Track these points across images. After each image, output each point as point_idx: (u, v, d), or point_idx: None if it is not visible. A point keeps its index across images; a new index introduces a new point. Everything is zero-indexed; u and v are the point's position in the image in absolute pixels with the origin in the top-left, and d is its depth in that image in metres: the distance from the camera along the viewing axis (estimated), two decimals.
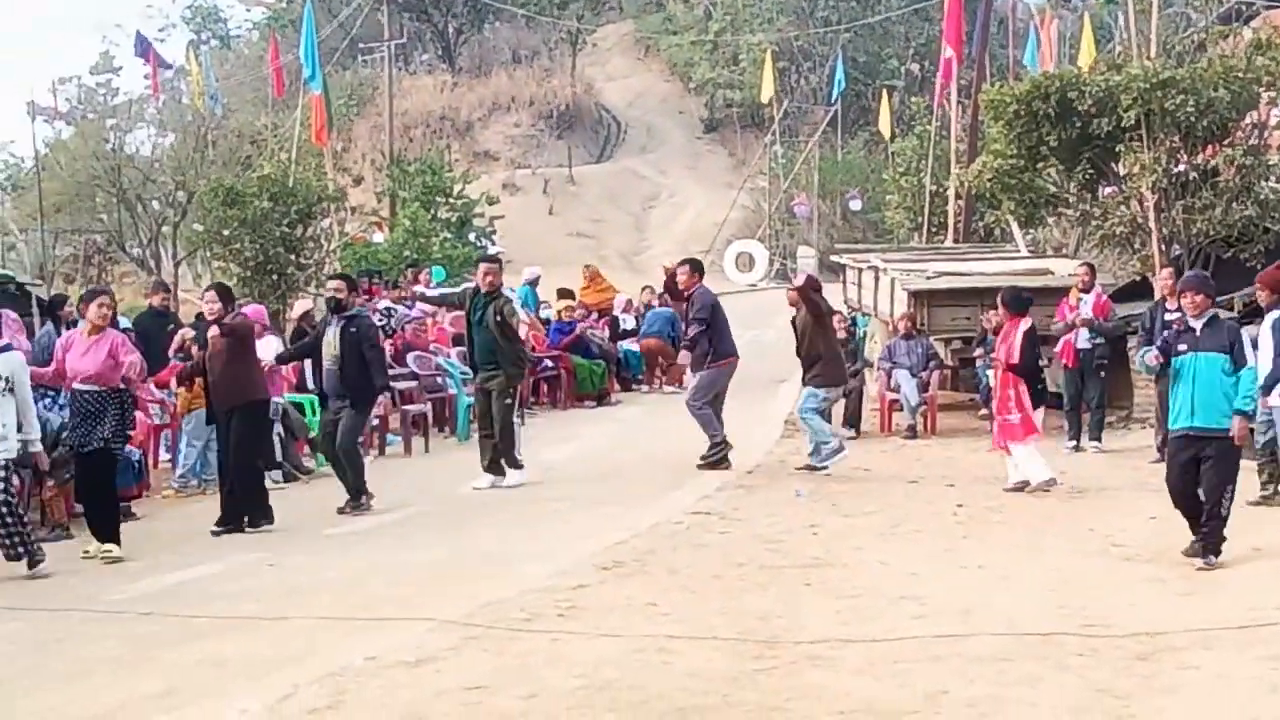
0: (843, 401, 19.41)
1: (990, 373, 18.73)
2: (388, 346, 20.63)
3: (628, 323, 26.44)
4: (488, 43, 67.54)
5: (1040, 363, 15.36)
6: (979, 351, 19.78)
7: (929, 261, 22.96)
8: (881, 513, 13.51)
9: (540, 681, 7.75)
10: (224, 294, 14.05)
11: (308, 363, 16.92)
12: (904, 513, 13.52)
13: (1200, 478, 10.91)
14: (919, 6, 52.81)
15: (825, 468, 15.80)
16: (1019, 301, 15.15)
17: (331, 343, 14.19)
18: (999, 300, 15.54)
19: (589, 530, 12.62)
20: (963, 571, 10.85)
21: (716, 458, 15.88)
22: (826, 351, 16.28)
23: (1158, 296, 17.41)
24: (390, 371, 19.68)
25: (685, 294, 16.41)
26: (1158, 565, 10.94)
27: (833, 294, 26.24)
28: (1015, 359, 14.68)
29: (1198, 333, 11.07)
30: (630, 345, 25.58)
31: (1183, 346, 11.10)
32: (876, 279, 22.56)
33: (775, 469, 16.52)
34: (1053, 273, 20.52)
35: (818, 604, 9.71)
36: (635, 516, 13.16)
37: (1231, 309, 20.24)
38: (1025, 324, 14.86)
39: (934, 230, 29.74)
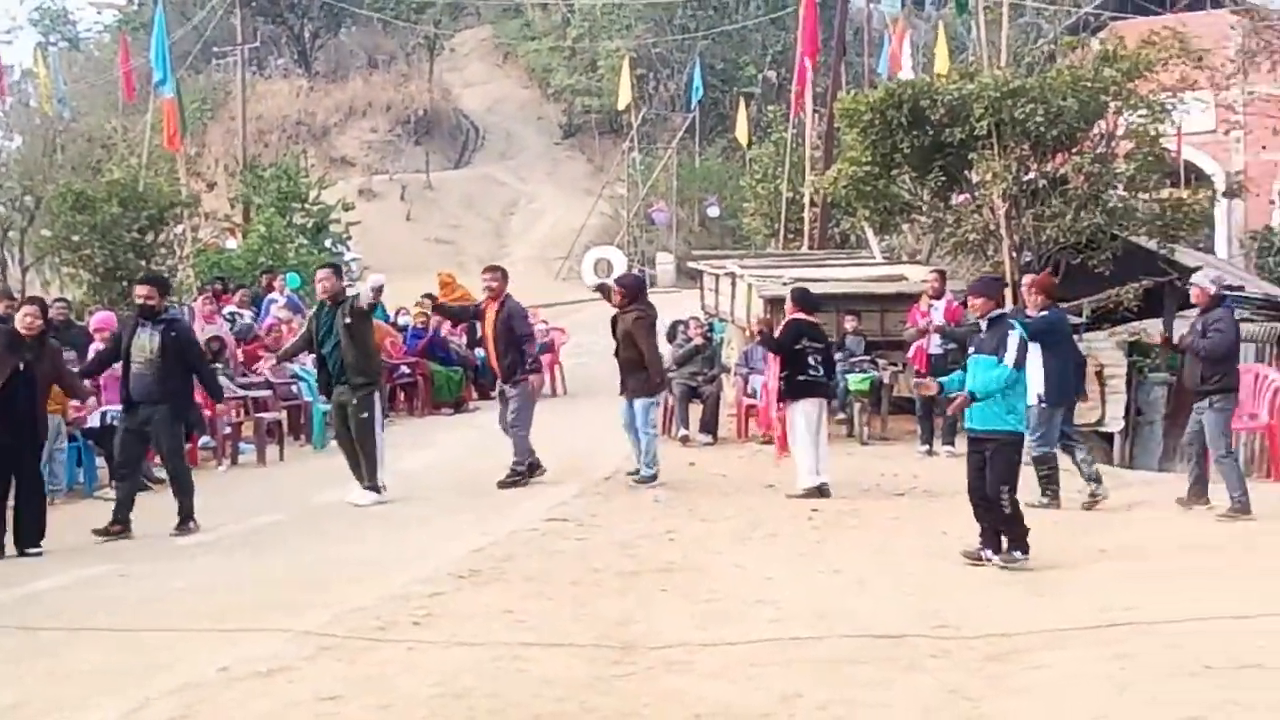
0: (700, 407, 19.51)
1: (850, 376, 18.96)
2: (239, 354, 20.39)
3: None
4: (344, 47, 67.01)
5: (798, 349, 15.13)
6: (838, 355, 19.97)
7: (785, 268, 23.14)
8: (738, 517, 13.58)
9: (395, 691, 7.68)
10: (43, 307, 13.70)
11: None
12: (761, 517, 13.59)
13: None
14: (776, 15, 53.24)
15: (653, 475, 15.64)
16: (806, 299, 15.51)
17: (145, 346, 13.44)
18: (789, 298, 15.79)
19: (446, 538, 12.56)
20: (818, 575, 10.94)
21: (513, 480, 15.48)
22: (651, 357, 15.86)
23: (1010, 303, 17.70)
24: (242, 379, 19.53)
25: (495, 300, 15.82)
26: (1008, 567, 11.09)
27: (691, 300, 26.47)
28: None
29: (981, 335, 11.47)
30: None
31: (971, 349, 11.56)
32: (733, 285, 22.69)
33: None
34: (907, 279, 20.80)
35: (674, 609, 9.73)
36: (492, 524, 13.11)
37: (1080, 314, 20.68)
38: (799, 315, 15.19)
39: (791, 237, 29.95)
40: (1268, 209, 34.24)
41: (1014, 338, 11.22)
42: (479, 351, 25.09)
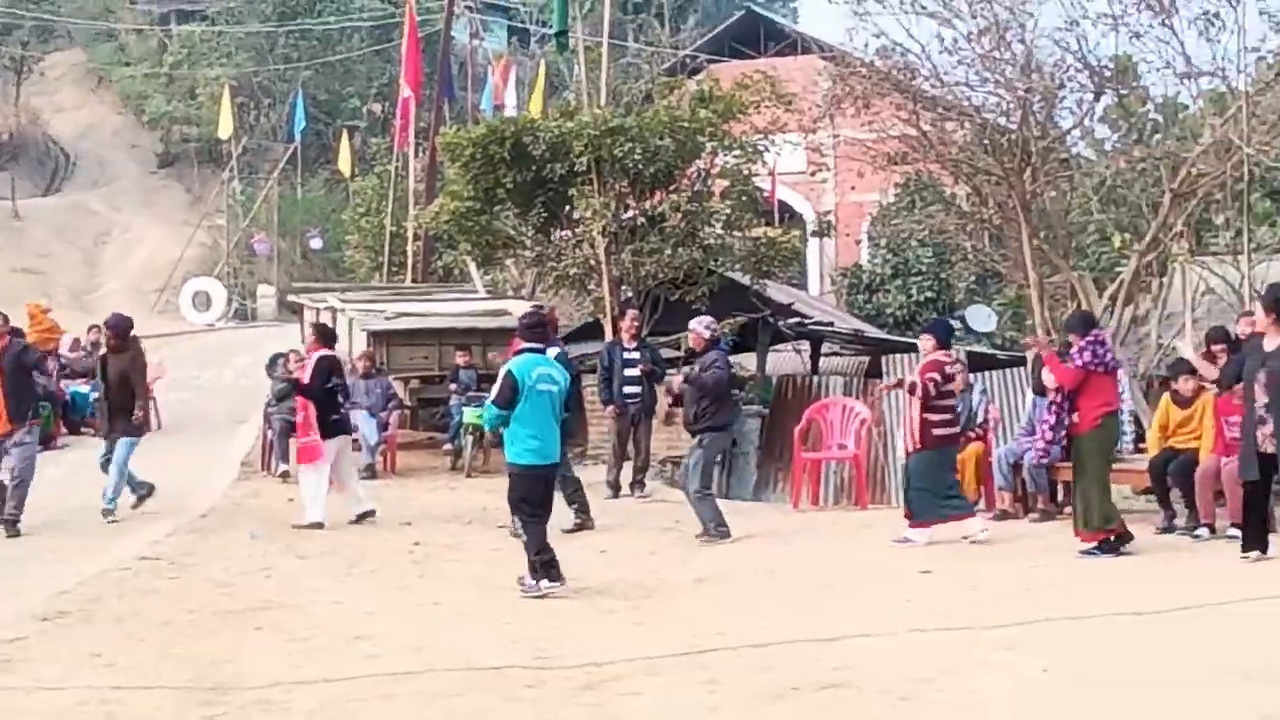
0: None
1: (465, 409, 18.98)
2: None
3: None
4: None
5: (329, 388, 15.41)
6: (452, 387, 20.00)
7: (388, 301, 23.01)
8: (337, 553, 13.42)
9: None
10: None
11: None
12: (360, 552, 13.46)
13: None
14: (380, 47, 52.98)
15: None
16: (326, 335, 16.06)
17: None
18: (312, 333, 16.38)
19: (32, 580, 12.01)
20: (418, 609, 10.89)
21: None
22: (142, 398, 15.75)
23: (609, 337, 18.03)
24: None
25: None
26: (608, 597, 11.28)
27: (292, 333, 26.03)
28: (306, 381, 15.20)
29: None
30: (79, 386, 24.47)
31: None
32: (335, 319, 22.42)
33: (230, 511, 16.18)
34: (510, 313, 20.92)
35: (270, 647, 9.53)
36: (82, 564, 12.61)
37: (678, 348, 21.19)
38: (321, 352, 15.42)
39: (394, 270, 29.84)
40: (856, 248, 35.80)
41: (501, 377, 11.56)
42: (70, 386, 24.18)
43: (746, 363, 23.51)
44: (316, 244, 51.14)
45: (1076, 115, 20.62)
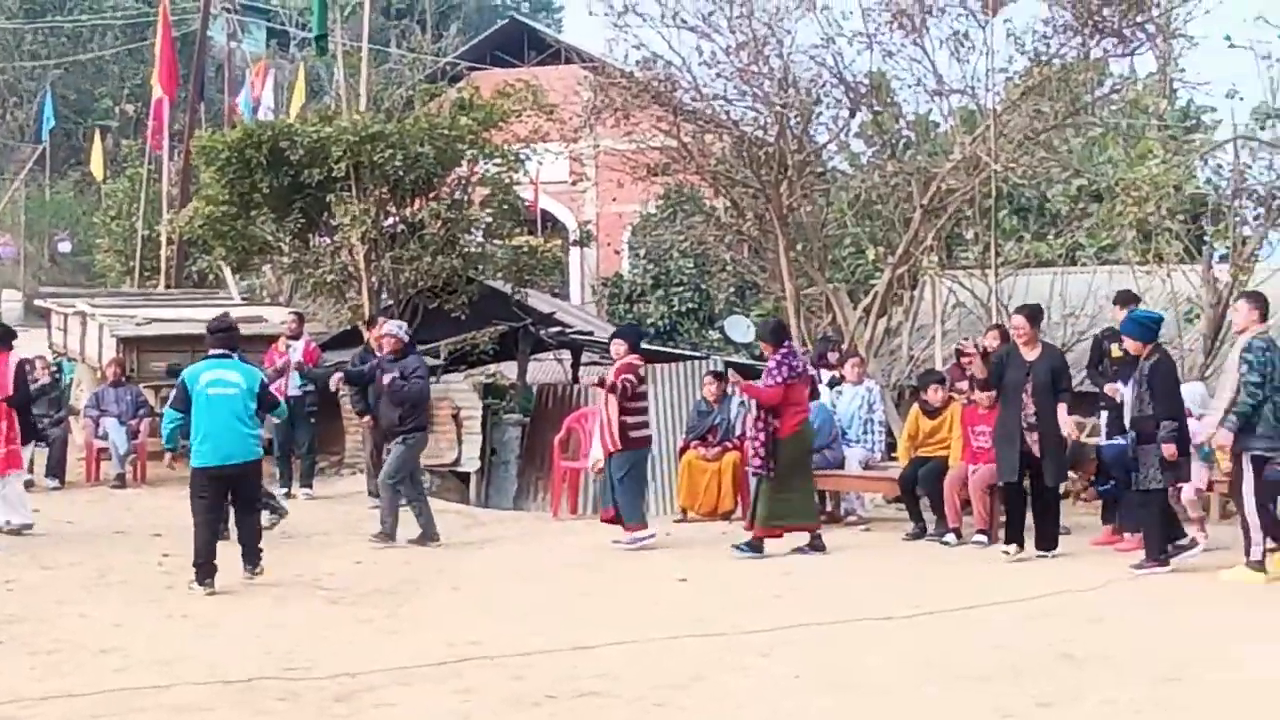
0: (46, 450, 18.60)
1: None
2: None
3: None
4: None
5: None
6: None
7: (140, 307, 22.43)
8: (85, 564, 13.02)
9: None
10: None
11: None
12: (109, 564, 13.09)
13: None
14: (134, 46, 51.75)
15: None
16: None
17: None
18: None
19: None
20: (168, 621, 10.64)
21: None
22: None
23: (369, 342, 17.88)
24: None
25: None
26: (364, 606, 11.15)
27: (38, 340, 25.23)
28: (9, 391, 14.80)
29: None
30: None
31: None
32: (84, 324, 21.81)
33: None
34: (266, 320, 20.54)
35: (12, 662, 9.21)
36: None
37: (437, 356, 21.07)
38: (14, 357, 15.06)
39: (147, 275, 29.09)
40: (617, 257, 36.01)
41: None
42: None
43: (507, 371, 23.49)
44: (65, 247, 49.70)
45: (832, 130, 21.07)
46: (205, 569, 11.68)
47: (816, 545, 13.48)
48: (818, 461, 15.02)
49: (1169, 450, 11.87)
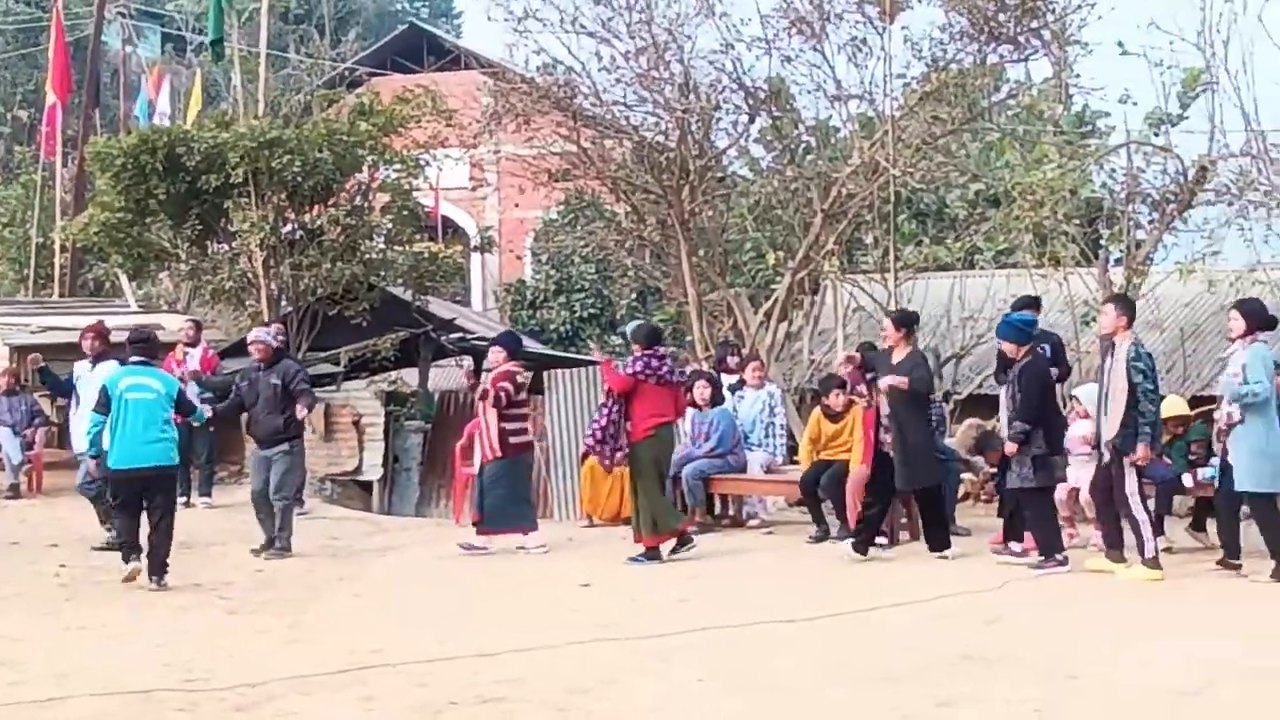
0: None
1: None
2: None
3: None
4: None
5: None
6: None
7: (34, 315, 22.12)
8: None
9: None
10: None
11: None
12: (4, 576, 12.89)
13: None
14: (27, 51, 50.97)
15: None
16: None
17: None
18: None
19: None
20: (65, 633, 10.48)
21: None
22: None
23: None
24: None
25: None
26: (264, 615, 11.06)
27: None
28: None
29: None
30: None
31: None
32: None
33: None
34: (164, 328, 20.28)
35: None
36: None
37: (338, 363, 20.94)
38: None
39: (41, 284, 28.69)
40: (519, 263, 35.92)
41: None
42: None
43: (409, 378, 23.35)
44: None
45: (732, 136, 21.17)
46: (130, 546, 12.23)
47: (685, 543, 13.54)
48: (720, 466, 15.11)
49: (1009, 448, 12.22)
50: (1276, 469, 11.52)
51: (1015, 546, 12.88)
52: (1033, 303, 14.53)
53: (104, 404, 12.24)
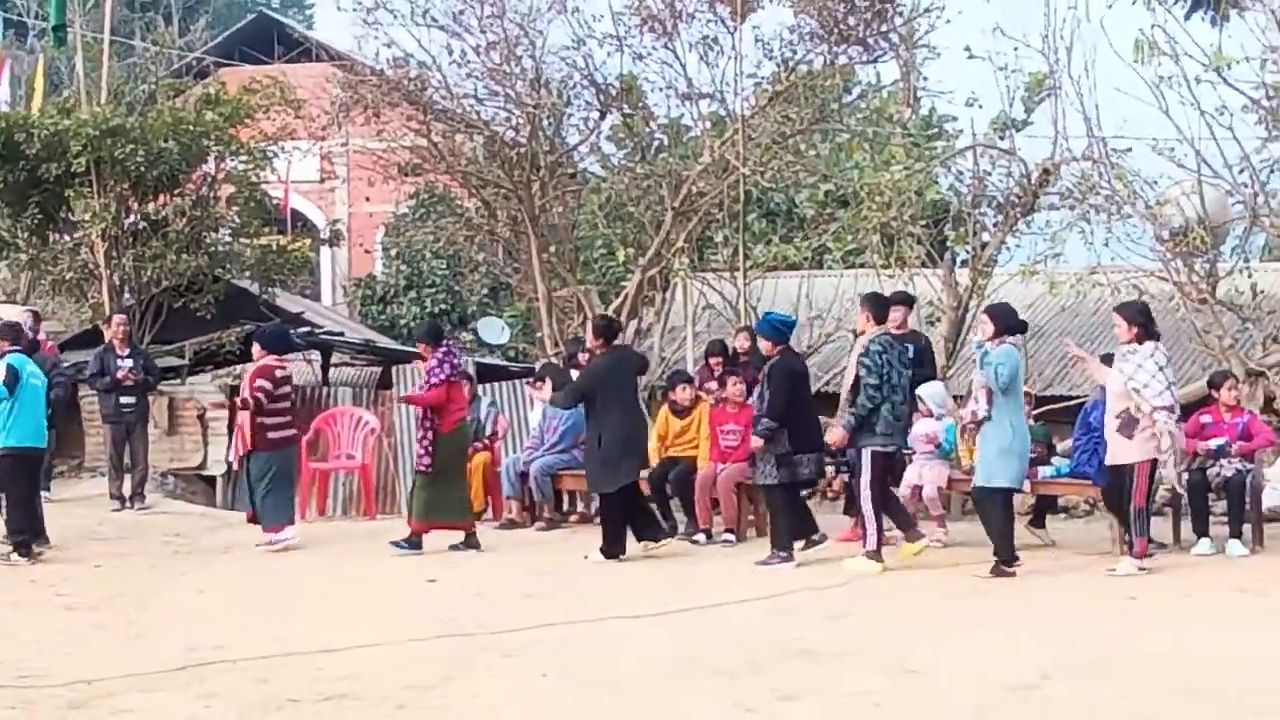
0: None
1: None
2: None
3: None
4: None
5: None
6: None
7: None
8: None
9: None
10: None
11: None
12: None
13: None
14: None
15: None
16: None
17: None
18: None
19: None
20: None
21: None
22: None
23: (108, 341, 17.45)
24: None
25: None
26: (102, 612, 10.89)
27: None
28: None
29: None
30: None
31: None
32: None
33: None
34: (1, 318, 19.85)
35: None
36: None
37: (182, 356, 20.62)
38: None
39: None
40: (369, 258, 35.60)
41: (4, 367, 13.00)
42: None
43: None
44: None
45: (584, 132, 21.19)
46: (38, 536, 13.36)
47: (471, 543, 13.67)
48: (568, 461, 15.10)
49: (755, 443, 12.41)
50: (1019, 466, 11.92)
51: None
52: (906, 300, 14.73)
53: (11, 380, 12.93)
